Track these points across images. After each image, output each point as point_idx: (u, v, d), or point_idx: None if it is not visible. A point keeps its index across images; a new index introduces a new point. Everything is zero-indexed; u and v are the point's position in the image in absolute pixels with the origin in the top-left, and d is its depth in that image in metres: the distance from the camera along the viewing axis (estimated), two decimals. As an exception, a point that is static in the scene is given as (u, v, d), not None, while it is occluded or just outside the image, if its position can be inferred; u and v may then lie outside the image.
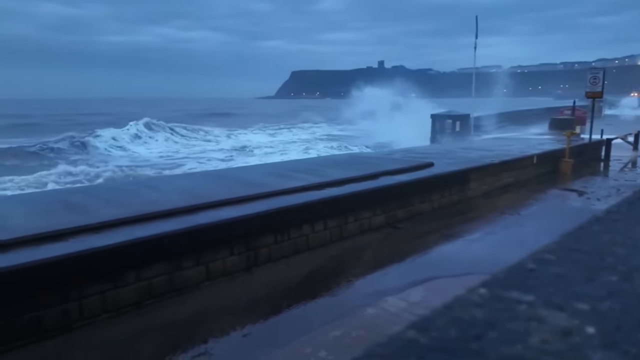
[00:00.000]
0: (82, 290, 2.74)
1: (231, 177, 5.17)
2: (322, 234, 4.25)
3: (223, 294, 3.30)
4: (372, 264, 3.87)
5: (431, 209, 5.57)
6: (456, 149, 8.40)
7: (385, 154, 8.28)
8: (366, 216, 4.70)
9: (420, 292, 3.27)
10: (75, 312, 2.72)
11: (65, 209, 3.56)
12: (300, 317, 2.98)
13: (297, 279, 3.60)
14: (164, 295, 3.12)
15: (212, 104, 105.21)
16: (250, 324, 2.85)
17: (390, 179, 5.20)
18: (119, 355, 2.54)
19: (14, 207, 3.65)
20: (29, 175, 15.67)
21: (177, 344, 2.61)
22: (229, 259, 3.52)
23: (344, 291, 3.35)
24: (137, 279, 2.99)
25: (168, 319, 2.92)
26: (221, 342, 2.66)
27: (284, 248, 3.91)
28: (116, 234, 3.02)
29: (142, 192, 4.21)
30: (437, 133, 22.17)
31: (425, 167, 6.00)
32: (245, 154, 22.85)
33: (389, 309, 2.96)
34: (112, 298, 2.88)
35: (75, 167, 17.54)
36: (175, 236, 3.16)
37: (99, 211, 3.43)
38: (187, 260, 3.25)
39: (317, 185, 4.59)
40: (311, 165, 6.08)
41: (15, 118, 44.20)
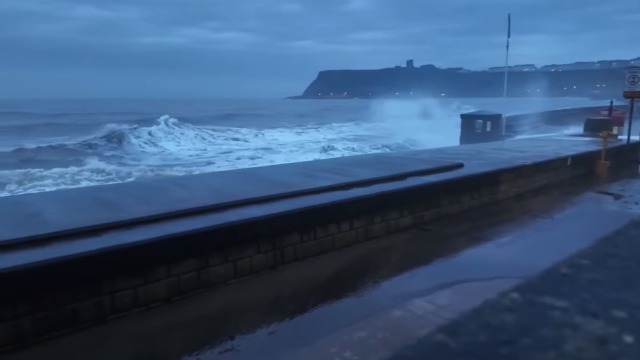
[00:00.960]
0: (114, 284, 2.83)
1: (258, 177, 5.22)
2: (348, 234, 4.24)
3: (249, 291, 3.34)
4: (398, 266, 3.84)
5: (460, 211, 5.47)
6: (487, 150, 8.23)
7: (413, 154, 8.19)
8: (393, 217, 4.66)
9: (447, 295, 3.22)
10: (108, 305, 2.81)
11: (99, 205, 3.68)
12: (326, 317, 2.98)
13: (323, 278, 3.61)
14: (193, 291, 3.19)
15: (241, 103, 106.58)
16: (276, 321, 2.88)
17: (418, 180, 5.14)
18: (150, 348, 2.61)
19: (51, 203, 3.79)
20: (64, 169, 16.26)
21: (204, 339, 2.66)
22: (256, 256, 3.55)
23: (369, 292, 3.34)
24: (167, 274, 3.06)
25: (196, 315, 2.97)
26: (247, 338, 2.69)
27: (309, 247, 3.93)
28: (147, 230, 3.10)
29: (172, 190, 4.30)
30: (467, 133, 21.77)
31: (455, 168, 5.90)
32: (272, 153, 23.04)
33: (416, 311, 2.93)
34: (143, 293, 2.96)
35: (110, 165, 18.11)
36: (203, 233, 3.21)
37: (131, 208, 3.52)
38: (215, 257, 3.30)
39: (344, 185, 4.59)
40: (338, 165, 6.07)
41: (54, 117, 45.95)
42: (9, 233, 2.86)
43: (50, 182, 14.84)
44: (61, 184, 14.42)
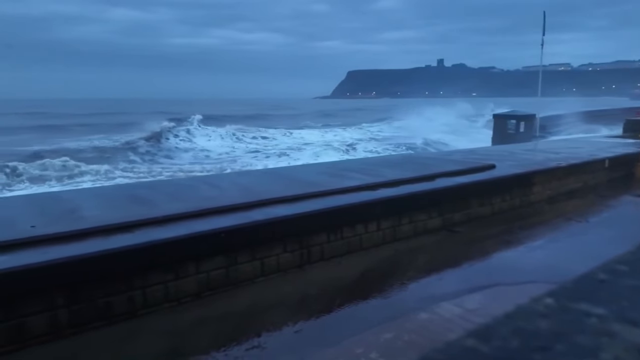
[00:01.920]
0: (146, 279, 2.91)
1: (286, 176, 5.26)
2: (375, 234, 4.22)
3: (276, 289, 3.36)
4: (426, 268, 3.79)
5: (491, 213, 5.36)
6: (519, 151, 8.02)
7: (443, 155, 8.07)
8: (421, 218, 4.60)
9: (477, 299, 3.16)
10: (139, 300, 2.89)
11: (132, 202, 3.79)
12: (352, 317, 2.97)
13: (349, 279, 3.60)
14: (221, 287, 3.24)
15: (270, 103, 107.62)
16: (302, 320, 2.89)
17: (448, 181, 5.05)
18: (180, 342, 2.67)
19: (88, 199, 3.93)
20: (101, 166, 16.82)
21: (232, 335, 2.70)
22: (283, 255, 3.58)
23: (396, 293, 3.31)
24: (197, 271, 3.12)
25: (224, 311, 3.02)
26: (274, 336, 2.72)
27: (336, 247, 3.92)
28: (178, 227, 3.17)
29: (202, 188, 4.39)
30: (499, 134, 21.28)
31: (486, 169, 5.78)
32: (299, 152, 23.17)
33: (444, 314, 2.89)
34: (174, 288, 3.03)
35: (145, 162, 18.63)
36: (232, 231, 3.26)
37: (163, 205, 3.61)
38: (243, 255, 3.35)
39: (371, 186, 4.56)
40: (365, 165, 6.05)
41: (90, 117, 47.61)
42: (48, 228, 2.98)
43: (88, 178, 15.43)
44: (98, 180, 14.96)
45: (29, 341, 2.53)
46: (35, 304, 2.54)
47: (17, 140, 26.85)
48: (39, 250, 2.68)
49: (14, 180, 15.09)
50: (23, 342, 2.51)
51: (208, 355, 2.50)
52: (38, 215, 3.30)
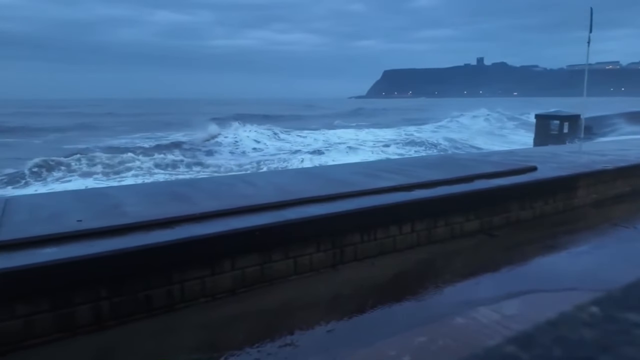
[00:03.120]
0: (184, 274, 2.99)
1: (320, 175, 5.27)
2: (410, 236, 4.17)
3: (309, 288, 3.38)
4: (462, 271, 3.71)
5: (532, 217, 5.18)
6: (563, 153, 7.71)
7: (482, 156, 7.87)
8: (458, 221, 4.51)
9: (515, 305, 3.06)
10: (177, 294, 2.98)
11: (172, 199, 3.91)
12: (385, 319, 2.95)
13: (382, 280, 3.57)
14: (256, 284, 3.29)
15: (305, 102, 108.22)
16: (334, 320, 2.89)
17: (487, 183, 4.92)
18: (215, 337, 2.73)
19: (131, 195, 4.08)
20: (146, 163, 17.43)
21: (265, 332, 2.73)
22: (316, 255, 3.59)
23: (431, 297, 3.26)
24: (232, 267, 3.19)
25: (259, 308, 3.06)
26: (306, 335, 2.73)
27: (370, 248, 3.90)
28: (215, 224, 3.24)
29: (238, 186, 4.46)
30: (541, 135, 20.54)
31: (527, 171, 5.59)
32: (334, 152, 23.18)
33: (481, 319, 2.82)
34: (210, 283, 3.10)
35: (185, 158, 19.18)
36: (266, 230, 3.30)
37: (201, 202, 3.70)
38: (277, 253, 3.38)
39: (406, 186, 4.51)
40: (401, 165, 5.98)
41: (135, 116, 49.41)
42: (93, 222, 3.12)
43: (131, 174, 16.09)
44: (141, 177, 15.55)
45: (75, 330, 2.65)
46: (80, 295, 2.67)
47: (67, 137, 28.21)
48: (85, 243, 2.81)
49: (66, 175, 15.94)
50: (70, 330, 2.64)
51: (242, 350, 2.55)
52: (84, 210, 3.45)
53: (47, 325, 2.57)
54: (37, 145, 23.16)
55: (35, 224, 3.09)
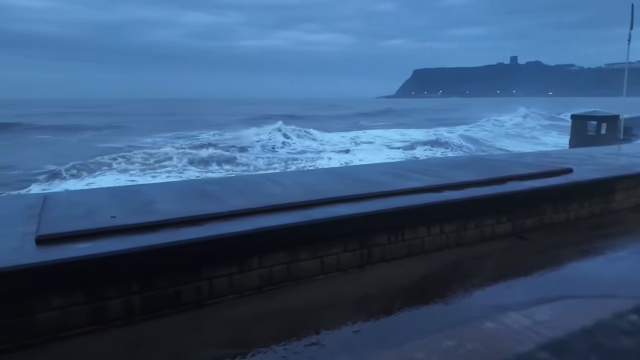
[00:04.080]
0: (212, 271, 3.04)
1: (348, 175, 5.26)
2: (439, 237, 4.10)
3: (336, 288, 3.38)
4: (492, 275, 3.62)
5: (566, 220, 5.01)
6: (600, 155, 7.43)
7: (514, 157, 7.67)
8: (488, 223, 4.41)
9: (548, 311, 2.97)
10: (206, 291, 3.03)
11: (202, 197, 3.98)
12: (412, 321, 2.91)
13: (410, 282, 3.53)
14: (282, 283, 3.31)
15: (333, 103, 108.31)
16: (360, 320, 2.88)
17: (519, 185, 4.79)
18: (243, 333, 2.76)
19: (162, 193, 4.18)
20: (181, 161, 17.84)
21: (292, 330, 2.75)
22: (343, 254, 3.59)
23: (459, 300, 3.20)
24: (260, 265, 3.22)
25: (285, 306, 3.08)
26: (332, 334, 2.73)
27: (397, 249, 3.86)
28: (243, 222, 3.28)
29: (267, 186, 4.51)
30: (577, 136, 19.87)
31: (562, 173, 5.41)
32: (361, 152, 23.11)
33: (511, 325, 2.74)
34: (238, 281, 3.14)
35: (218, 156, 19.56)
36: (294, 228, 3.32)
37: (230, 201, 3.76)
38: (304, 252, 3.40)
39: (435, 187, 4.44)
40: (430, 166, 5.89)
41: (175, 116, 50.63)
42: (126, 219, 3.21)
43: (165, 171, 16.57)
44: (174, 173, 15.97)
45: (108, 323, 2.74)
46: (113, 289, 2.75)
47: (101, 136, 29.18)
48: (118, 239, 2.90)
49: (101, 173, 16.53)
50: (103, 323, 2.73)
51: (268, 348, 2.57)
52: (118, 207, 3.56)
53: (82, 318, 2.67)
54: (73, 143, 24.06)
55: (71, 220, 3.21)
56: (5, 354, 2.46)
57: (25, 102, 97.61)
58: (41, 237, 2.84)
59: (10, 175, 14.96)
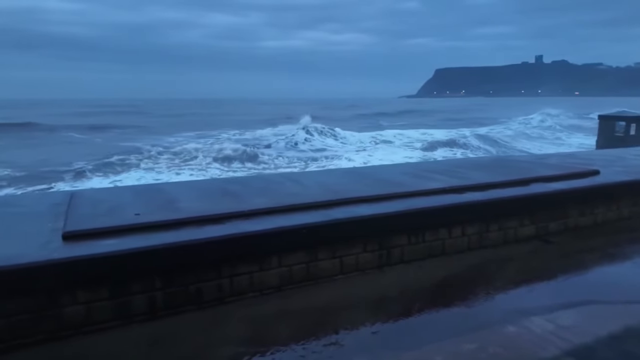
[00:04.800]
0: (233, 269, 3.08)
1: (368, 175, 5.24)
2: (460, 239, 4.05)
3: (355, 288, 3.37)
4: (515, 278, 3.56)
5: (592, 224, 4.88)
6: (629, 156, 7.20)
7: (538, 158, 7.51)
8: (511, 225, 4.33)
9: (572, 316, 2.90)
10: (226, 288, 3.07)
11: (223, 195, 4.03)
12: (431, 323, 2.89)
13: (430, 284, 3.50)
14: (302, 282, 3.32)
15: (355, 103, 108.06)
16: (379, 322, 2.87)
17: (543, 187, 4.69)
18: (262, 331, 2.79)
19: (185, 191, 4.24)
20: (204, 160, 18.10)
21: (311, 330, 2.75)
22: (362, 255, 3.58)
23: (481, 303, 3.15)
24: (279, 264, 3.24)
25: (304, 306, 3.10)
26: (351, 334, 2.73)
27: (417, 250, 3.83)
28: (263, 221, 3.30)
29: (287, 185, 4.53)
30: (605, 137, 19.32)
31: (588, 175, 5.27)
32: (381, 152, 23.00)
33: (534, 329, 2.69)
34: (257, 279, 3.17)
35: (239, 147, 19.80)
36: (313, 228, 3.33)
37: (251, 200, 3.79)
38: (323, 252, 3.40)
39: (457, 189, 4.38)
40: (451, 166, 5.82)
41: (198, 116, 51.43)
42: (150, 216, 3.27)
43: (187, 169, 16.88)
44: (198, 171, 16.25)
45: (131, 318, 2.80)
46: (136, 285, 2.81)
47: (126, 135, 29.81)
48: (142, 236, 2.95)
49: (126, 171, 16.93)
50: (126, 318, 2.79)
51: (287, 347, 2.58)
52: (142, 205, 3.63)
53: (106, 313, 2.73)
54: (99, 142, 24.67)
55: (97, 217, 3.29)
56: (34, 346, 2.54)
57: (54, 102, 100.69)
58: (68, 234, 2.92)
59: (39, 172, 15.44)
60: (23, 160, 17.57)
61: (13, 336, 2.51)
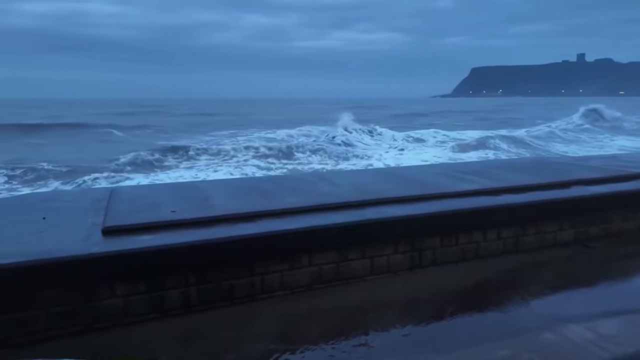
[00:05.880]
0: (264, 267, 3.12)
1: (400, 175, 5.19)
2: (495, 243, 3.95)
3: (385, 290, 3.34)
4: (552, 284, 3.44)
5: (636, 229, 4.65)
6: (679, 159, 6.82)
7: (580, 160, 7.23)
8: (550, 229, 4.19)
9: (614, 325, 2.78)
10: (258, 286, 3.11)
11: (256, 194, 4.08)
12: (465, 328, 2.83)
13: (463, 287, 3.43)
14: (332, 282, 3.33)
15: (387, 103, 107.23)
16: (411, 324, 2.83)
17: (584, 190, 4.51)
18: (292, 329, 2.81)
19: (219, 189, 4.33)
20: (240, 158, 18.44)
21: (340, 330, 2.75)
22: (393, 256, 3.55)
23: (516, 309, 3.06)
24: (310, 263, 3.25)
25: (334, 305, 3.10)
26: (381, 336, 2.71)
27: (450, 253, 3.76)
28: (295, 220, 3.33)
29: (319, 184, 4.54)
30: (651, 138, 18.38)
31: (633, 179, 5.03)
32: (412, 153, 22.70)
33: (572, 337, 2.59)
34: (288, 277, 3.19)
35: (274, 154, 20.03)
36: (344, 228, 3.33)
37: (283, 198, 3.83)
38: (354, 252, 3.39)
39: (492, 190, 4.28)
40: (487, 167, 5.69)
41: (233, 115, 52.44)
42: (185, 213, 3.36)
43: (223, 167, 17.24)
44: (233, 169, 16.59)
45: (166, 312, 2.88)
46: (172, 280, 2.89)
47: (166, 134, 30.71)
48: (177, 232, 3.04)
49: (164, 168, 17.46)
50: (162, 312, 2.87)
51: (317, 346, 2.59)
52: (178, 202, 3.73)
53: (143, 306, 2.82)
54: (138, 141, 25.49)
55: (135, 213, 3.40)
56: (74, 336, 2.65)
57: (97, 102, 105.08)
58: (107, 229, 3.03)
59: (81, 168, 16.13)
60: (68, 157, 18.40)
61: (51, 327, 2.62)
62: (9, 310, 2.54)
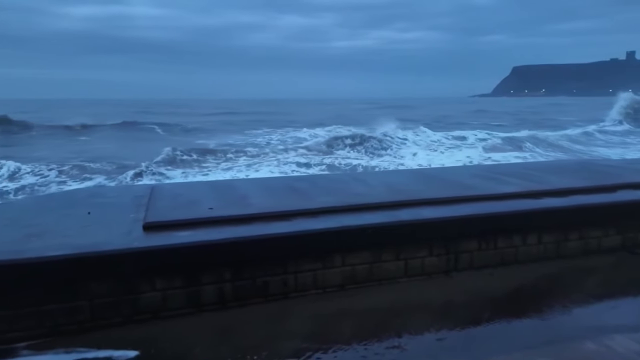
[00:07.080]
0: (298, 265, 3.14)
1: (435, 176, 5.10)
2: (535, 247, 3.82)
3: (419, 292, 3.30)
4: (596, 292, 3.30)
5: (691, 237, 4.38)
6: None
7: (628, 163, 6.88)
8: (594, 235, 4.01)
9: (663, 337, 2.63)
10: (291, 284, 3.14)
11: (291, 193, 4.12)
12: (502, 334, 2.75)
13: (501, 292, 3.34)
14: (365, 283, 3.32)
15: (423, 103, 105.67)
16: (445, 328, 2.79)
17: (632, 194, 4.29)
18: (324, 328, 2.82)
19: (255, 188, 4.40)
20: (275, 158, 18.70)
21: (373, 331, 2.74)
22: (428, 259, 3.49)
23: (556, 317, 2.95)
24: (343, 263, 3.25)
25: (367, 306, 3.08)
26: (415, 339, 2.67)
27: (488, 257, 3.67)
28: (329, 219, 3.34)
29: (352, 185, 4.53)
30: None
31: (687, 183, 4.74)
32: (449, 154, 22.23)
33: (616, 348, 2.48)
34: (321, 277, 3.21)
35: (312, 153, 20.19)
36: (378, 229, 3.31)
37: (317, 198, 3.84)
38: (388, 254, 3.37)
39: (533, 193, 4.14)
40: (527, 169, 5.50)
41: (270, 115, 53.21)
42: (222, 211, 3.44)
43: (266, 165, 17.53)
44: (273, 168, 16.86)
45: (201, 307, 2.96)
46: (208, 276, 2.96)
47: (204, 134, 31.47)
48: (214, 229, 3.11)
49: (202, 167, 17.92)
50: (198, 307, 2.95)
51: (349, 346, 2.59)
52: (216, 200, 3.81)
53: (180, 300, 2.91)
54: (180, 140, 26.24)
55: (174, 210, 3.51)
56: (114, 327, 2.76)
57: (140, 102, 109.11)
58: (148, 224, 3.14)
59: (125, 165, 16.78)
60: (113, 155, 19.20)
61: (94, 317, 2.75)
62: (57, 300, 2.68)
